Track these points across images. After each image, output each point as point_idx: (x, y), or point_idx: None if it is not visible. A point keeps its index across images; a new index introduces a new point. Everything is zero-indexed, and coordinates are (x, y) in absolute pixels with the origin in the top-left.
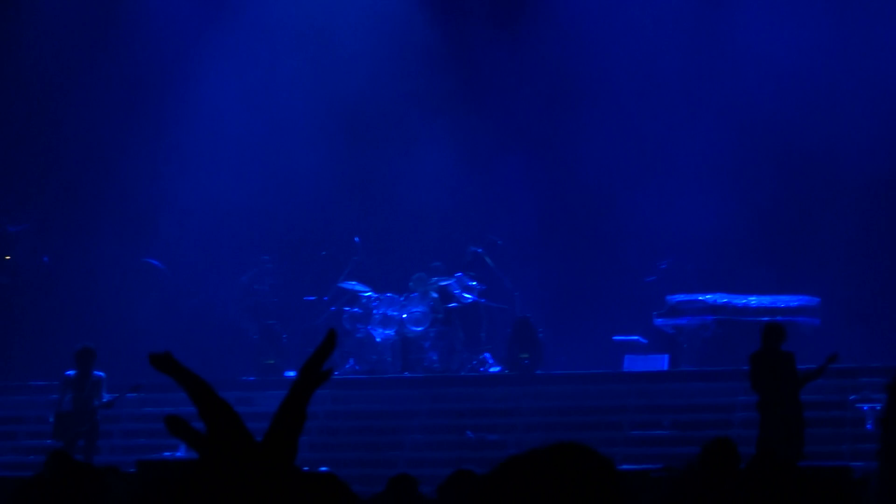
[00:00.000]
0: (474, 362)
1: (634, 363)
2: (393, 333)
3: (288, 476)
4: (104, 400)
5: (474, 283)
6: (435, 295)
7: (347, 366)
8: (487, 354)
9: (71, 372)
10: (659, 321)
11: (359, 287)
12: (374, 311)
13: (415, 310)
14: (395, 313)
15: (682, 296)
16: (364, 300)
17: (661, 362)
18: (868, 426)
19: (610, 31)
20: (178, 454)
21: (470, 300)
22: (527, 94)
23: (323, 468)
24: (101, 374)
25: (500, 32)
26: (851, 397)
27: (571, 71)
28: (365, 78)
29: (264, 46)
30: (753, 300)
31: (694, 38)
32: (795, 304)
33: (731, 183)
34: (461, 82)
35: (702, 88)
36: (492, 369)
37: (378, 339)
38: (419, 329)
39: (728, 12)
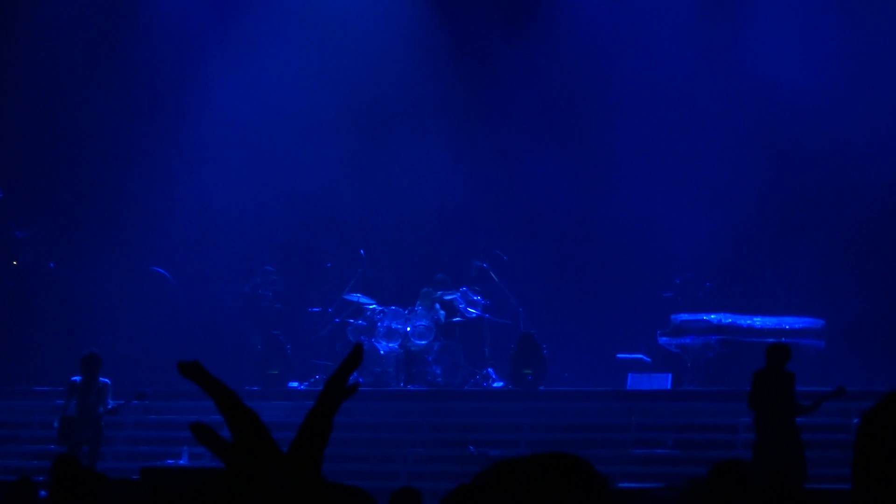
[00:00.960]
0: (477, 377)
1: (638, 381)
2: (397, 346)
3: (314, 486)
4: (109, 406)
5: (479, 297)
6: (441, 311)
7: (351, 378)
8: (491, 369)
9: (77, 378)
10: (663, 340)
11: (363, 299)
12: (379, 324)
13: (419, 323)
14: (399, 326)
15: (686, 315)
16: (368, 312)
17: (664, 381)
18: None
19: (627, 47)
20: (182, 462)
21: (474, 315)
22: (537, 108)
23: None
24: (106, 380)
25: (514, 47)
26: (855, 421)
27: (583, 87)
28: (374, 91)
29: (272, 57)
30: (758, 321)
31: (711, 56)
32: (800, 325)
33: (741, 205)
34: (472, 95)
35: (714, 109)
36: (495, 384)
37: (382, 352)
38: (423, 342)
39: (740, 37)
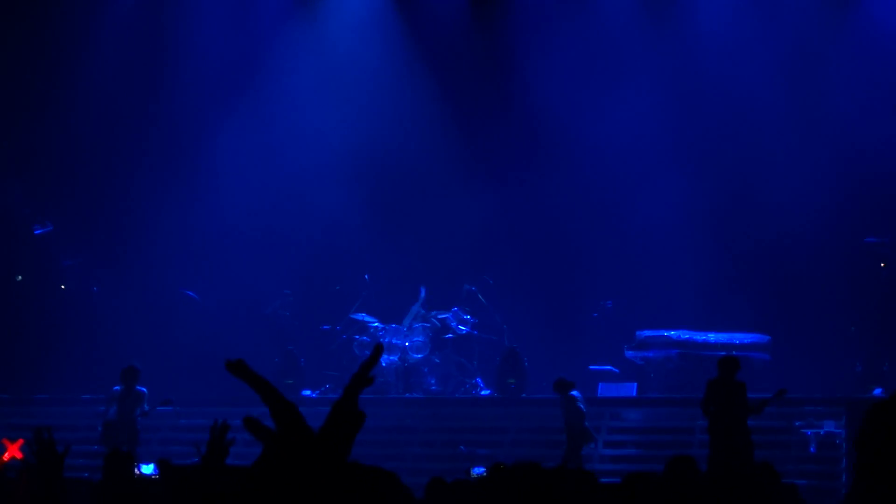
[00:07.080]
0: (467, 386)
1: (607, 390)
2: (396, 359)
3: (344, 464)
4: (145, 410)
5: (468, 316)
6: (437, 324)
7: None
8: (479, 379)
9: (117, 387)
10: (629, 353)
11: (367, 318)
12: (381, 340)
13: (416, 339)
14: (398, 342)
15: (649, 331)
16: (372, 329)
17: (630, 389)
18: (811, 449)
19: (593, 97)
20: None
21: (464, 332)
22: (520, 157)
23: None
24: (143, 389)
25: (492, 98)
26: (797, 423)
27: (552, 130)
28: (378, 140)
29: (288, 106)
30: (712, 336)
31: (665, 96)
32: (749, 340)
33: (694, 233)
34: (465, 142)
35: (669, 143)
36: (482, 392)
37: (383, 364)
38: (419, 356)
39: (705, 80)
